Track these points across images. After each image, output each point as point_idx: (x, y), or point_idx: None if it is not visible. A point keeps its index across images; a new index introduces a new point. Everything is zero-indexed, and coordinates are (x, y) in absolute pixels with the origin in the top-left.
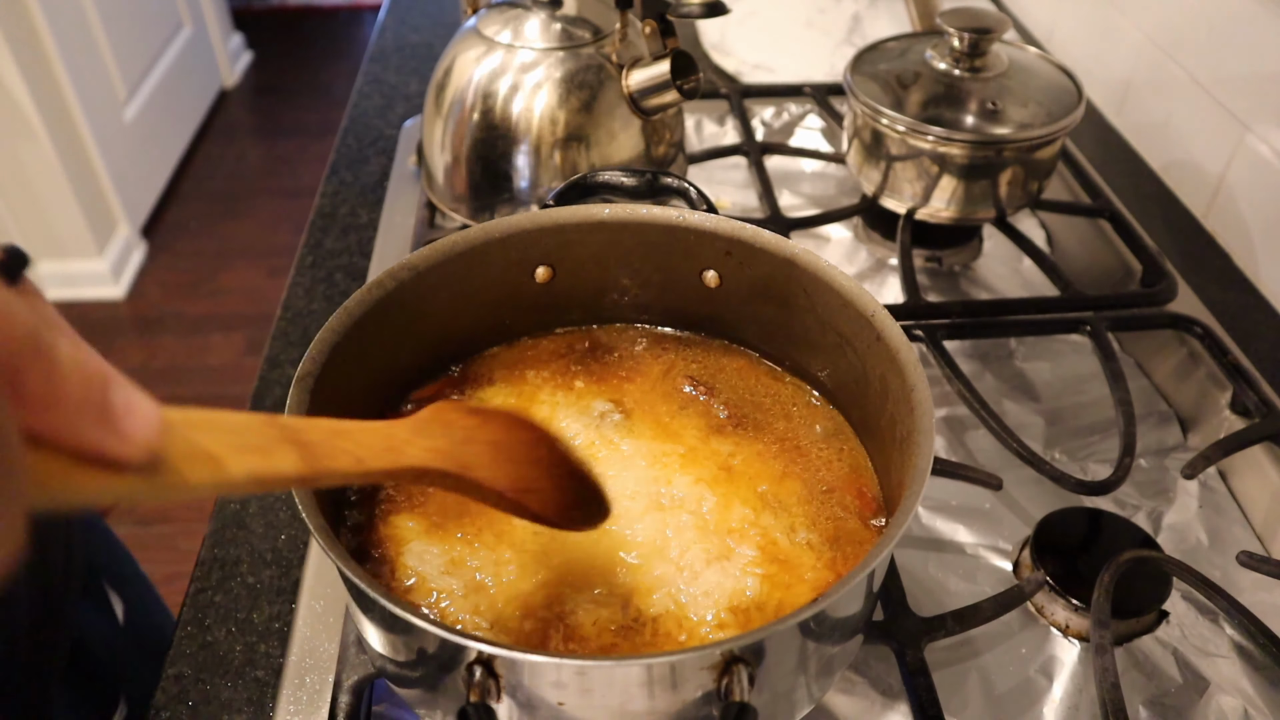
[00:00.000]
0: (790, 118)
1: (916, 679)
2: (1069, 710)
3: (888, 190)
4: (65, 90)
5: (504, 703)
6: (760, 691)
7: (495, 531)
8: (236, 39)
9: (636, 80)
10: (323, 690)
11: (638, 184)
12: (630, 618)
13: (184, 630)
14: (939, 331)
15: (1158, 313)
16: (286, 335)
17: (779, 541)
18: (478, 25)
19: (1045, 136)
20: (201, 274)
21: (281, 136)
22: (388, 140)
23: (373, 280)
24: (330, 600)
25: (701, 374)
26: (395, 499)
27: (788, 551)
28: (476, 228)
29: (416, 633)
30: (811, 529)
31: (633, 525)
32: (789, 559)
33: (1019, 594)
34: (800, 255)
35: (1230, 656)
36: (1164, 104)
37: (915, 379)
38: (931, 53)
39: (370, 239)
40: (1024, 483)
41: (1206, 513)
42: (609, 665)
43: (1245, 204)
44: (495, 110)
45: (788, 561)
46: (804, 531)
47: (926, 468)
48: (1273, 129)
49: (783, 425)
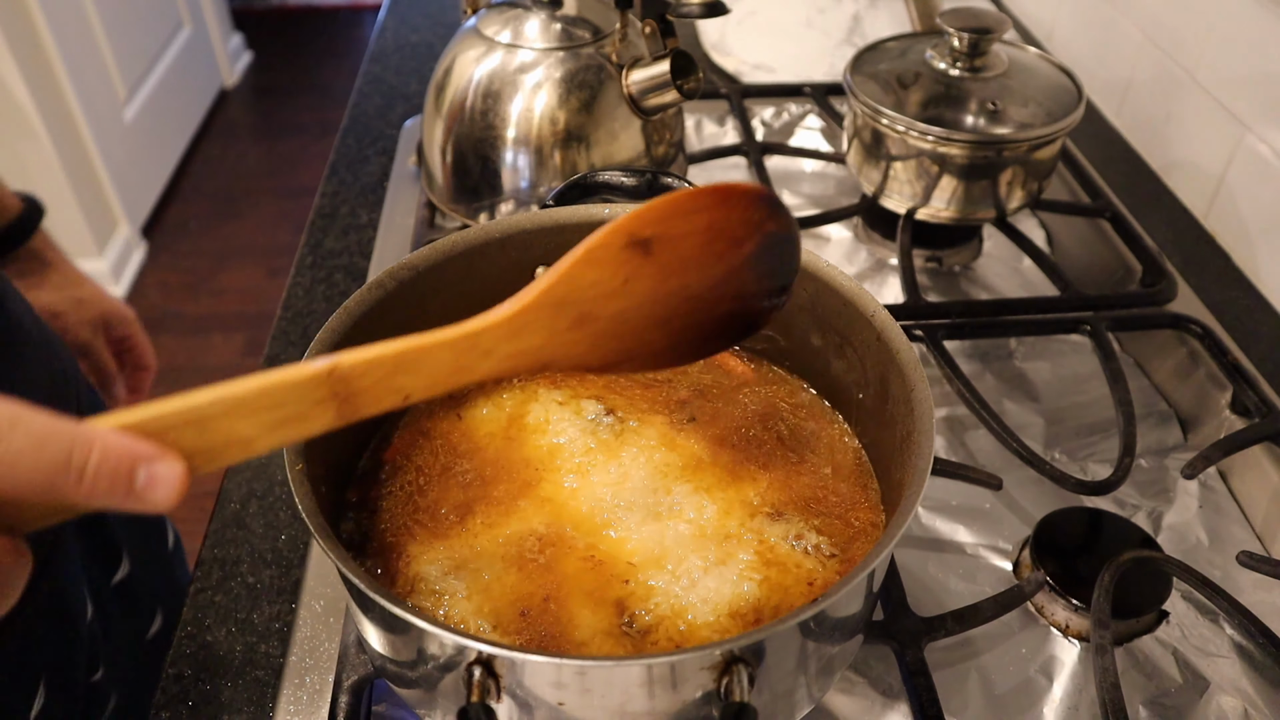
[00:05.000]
0: (790, 118)
1: (916, 679)
2: (1069, 710)
3: (888, 190)
4: (65, 90)
5: (504, 703)
6: (760, 691)
7: (497, 533)
8: (236, 39)
9: (636, 80)
10: (323, 690)
11: (638, 184)
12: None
13: (184, 630)
14: (939, 331)
15: (1158, 313)
16: (286, 335)
17: (778, 544)
18: (478, 25)
19: (1045, 136)
20: (201, 274)
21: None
22: (388, 140)
23: (373, 280)
24: (330, 600)
25: (700, 375)
26: (397, 499)
27: (787, 554)
28: (476, 228)
29: (416, 633)
30: (811, 530)
31: (632, 530)
32: (788, 561)
33: (1019, 594)
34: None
35: (1230, 656)
36: (1164, 104)
37: (915, 379)
38: (931, 53)
39: (370, 239)
40: (1024, 483)
41: (1206, 513)
42: (609, 665)
43: (1245, 204)
44: (495, 110)
45: (787, 564)
46: (804, 533)
47: (926, 468)
48: (1273, 129)
49: (782, 426)
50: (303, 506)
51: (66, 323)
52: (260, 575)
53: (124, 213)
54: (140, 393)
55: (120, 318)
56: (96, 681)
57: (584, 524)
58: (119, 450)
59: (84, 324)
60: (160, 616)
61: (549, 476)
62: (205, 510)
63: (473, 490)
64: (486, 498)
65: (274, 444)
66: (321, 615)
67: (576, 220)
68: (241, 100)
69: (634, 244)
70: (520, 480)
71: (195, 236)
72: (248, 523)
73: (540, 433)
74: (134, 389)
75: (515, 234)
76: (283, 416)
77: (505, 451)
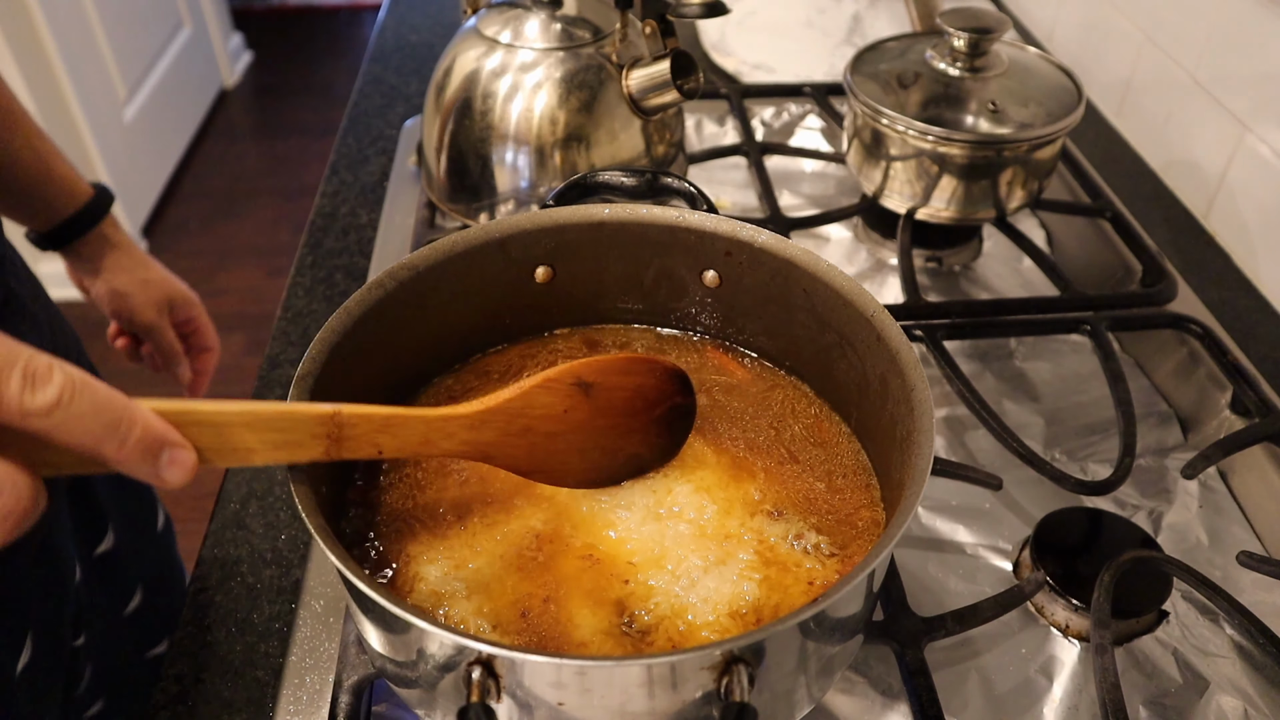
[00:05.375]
0: (790, 118)
1: (916, 679)
2: (1069, 710)
3: (888, 190)
4: (65, 90)
5: (504, 703)
6: (760, 691)
7: (497, 534)
8: (236, 39)
9: (636, 80)
10: (323, 690)
11: (638, 184)
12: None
13: (184, 630)
14: (939, 331)
15: (1158, 313)
16: (286, 335)
17: (778, 544)
18: (478, 25)
19: (1045, 136)
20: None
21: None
22: (388, 140)
23: (373, 280)
24: (330, 600)
25: (700, 375)
26: (397, 499)
27: (787, 554)
28: (476, 228)
29: (416, 633)
30: (811, 530)
31: (632, 531)
32: (788, 561)
33: (1019, 594)
34: (800, 255)
35: (1230, 656)
36: (1164, 104)
37: (915, 379)
38: (931, 53)
39: (370, 239)
40: (1024, 483)
41: (1206, 513)
42: (609, 665)
43: (1245, 204)
44: (495, 110)
45: (787, 564)
46: (804, 533)
47: (926, 468)
48: (1273, 129)
49: (782, 426)
50: (303, 506)
51: (133, 304)
52: (260, 575)
53: (124, 213)
54: (205, 373)
55: (185, 300)
56: (78, 647)
57: (584, 523)
58: (156, 430)
59: (150, 305)
60: (140, 595)
61: None
62: (205, 510)
63: (472, 490)
64: (486, 497)
65: (269, 460)
66: (321, 615)
67: (576, 220)
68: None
69: (579, 384)
70: (519, 480)
71: (195, 236)
72: (248, 523)
73: None
74: (199, 370)
75: (515, 234)
76: (284, 440)
77: None
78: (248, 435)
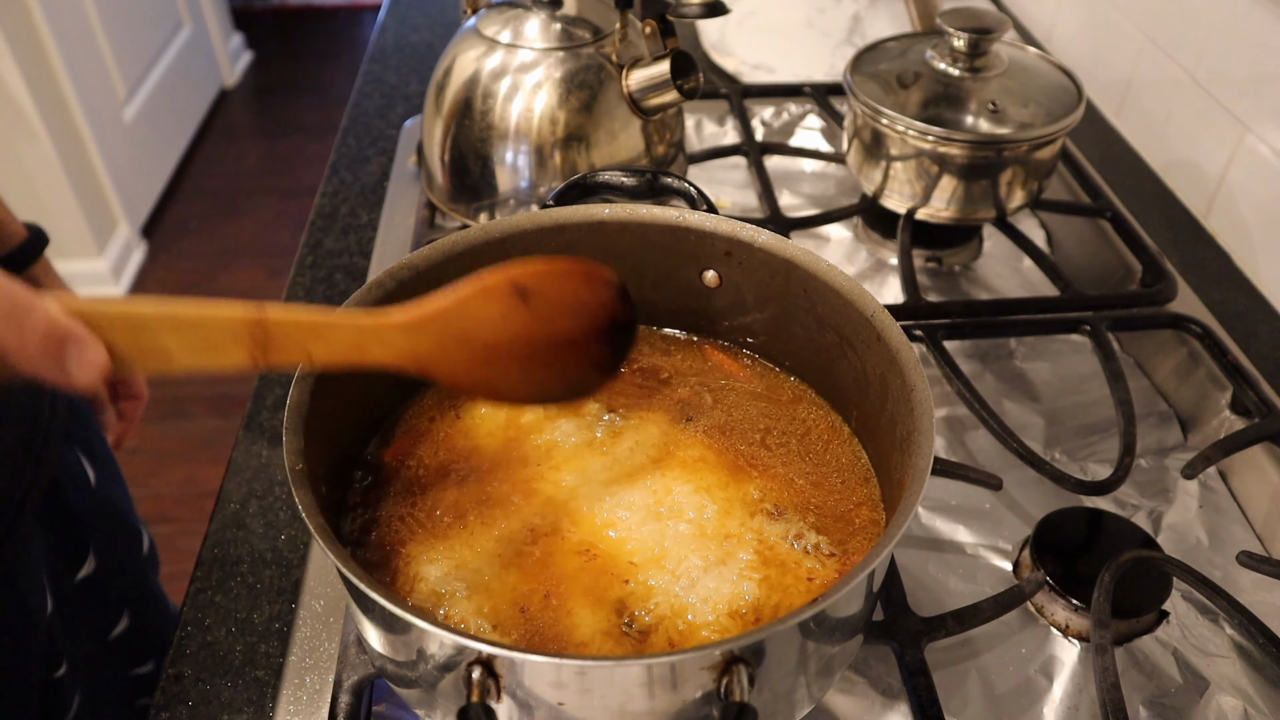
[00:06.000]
0: (790, 118)
1: (916, 679)
2: (1069, 710)
3: (888, 190)
4: (65, 90)
5: (504, 703)
6: (760, 691)
7: (496, 531)
8: (236, 39)
9: (636, 80)
10: (323, 690)
11: (638, 184)
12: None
13: (184, 630)
14: (939, 331)
15: (1158, 313)
16: None
17: (778, 544)
18: (478, 25)
19: (1045, 136)
20: (201, 274)
21: (281, 136)
22: (388, 140)
23: (373, 280)
24: (330, 600)
25: (700, 375)
26: (397, 500)
27: (787, 554)
28: (476, 228)
29: (416, 633)
30: (811, 530)
31: (632, 530)
32: (788, 561)
33: (1019, 594)
34: (800, 255)
35: (1230, 656)
36: (1164, 104)
37: (915, 379)
38: (931, 53)
39: (370, 239)
40: (1024, 483)
41: (1206, 513)
42: (609, 665)
43: (1245, 204)
44: (495, 110)
45: (787, 564)
46: (803, 533)
47: (926, 468)
48: (1273, 129)
49: (782, 426)
50: (303, 506)
51: None
52: (260, 575)
53: (124, 213)
54: (130, 420)
55: None
56: (60, 678)
57: (583, 522)
58: (59, 325)
59: None
60: (127, 618)
61: (548, 475)
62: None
63: (472, 489)
64: (486, 497)
65: (188, 364)
66: (321, 615)
67: (576, 220)
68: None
69: (517, 291)
70: (519, 479)
71: (195, 236)
72: (248, 523)
73: (538, 431)
74: (125, 416)
75: (515, 234)
76: (204, 342)
77: (504, 450)
78: (164, 336)
